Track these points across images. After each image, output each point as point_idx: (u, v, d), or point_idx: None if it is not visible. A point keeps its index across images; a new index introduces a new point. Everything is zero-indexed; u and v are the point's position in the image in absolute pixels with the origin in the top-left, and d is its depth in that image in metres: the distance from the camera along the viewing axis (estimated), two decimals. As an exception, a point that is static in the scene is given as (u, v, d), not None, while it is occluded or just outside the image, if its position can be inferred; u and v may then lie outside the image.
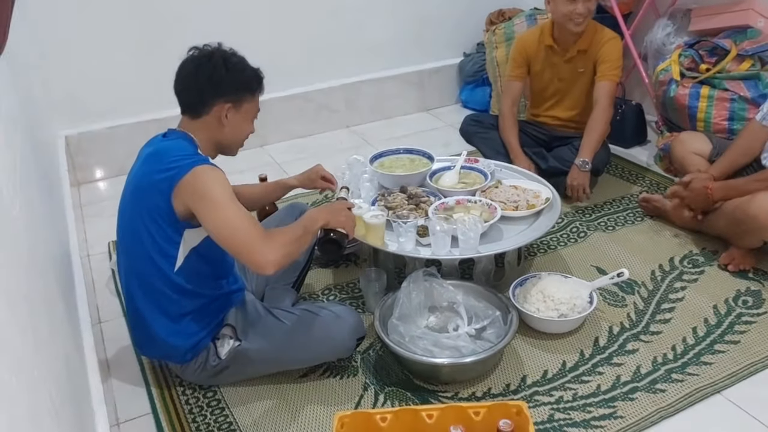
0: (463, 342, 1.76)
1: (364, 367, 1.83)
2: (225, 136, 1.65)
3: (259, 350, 1.69)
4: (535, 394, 1.71)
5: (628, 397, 1.68)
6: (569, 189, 2.54)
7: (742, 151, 2.18)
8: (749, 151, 2.17)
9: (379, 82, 3.63)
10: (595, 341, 1.89)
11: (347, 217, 1.70)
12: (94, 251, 2.50)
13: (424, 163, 2.34)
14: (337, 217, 1.67)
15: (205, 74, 1.57)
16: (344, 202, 1.80)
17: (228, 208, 1.49)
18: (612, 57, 2.55)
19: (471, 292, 1.93)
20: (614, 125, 2.88)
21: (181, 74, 1.61)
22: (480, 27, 3.69)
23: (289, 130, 3.44)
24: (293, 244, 1.55)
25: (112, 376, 1.86)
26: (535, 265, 2.26)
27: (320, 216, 1.65)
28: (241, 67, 1.63)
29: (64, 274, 1.94)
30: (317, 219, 1.64)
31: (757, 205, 1.97)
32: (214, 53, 1.60)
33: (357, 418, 1.46)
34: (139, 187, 1.59)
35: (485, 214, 2.05)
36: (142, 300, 1.65)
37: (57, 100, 2.94)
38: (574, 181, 2.53)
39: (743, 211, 2.01)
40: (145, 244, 1.58)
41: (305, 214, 1.70)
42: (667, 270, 2.19)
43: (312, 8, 3.33)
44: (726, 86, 2.64)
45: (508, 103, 2.74)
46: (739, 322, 1.93)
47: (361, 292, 2.10)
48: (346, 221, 1.69)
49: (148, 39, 2.99)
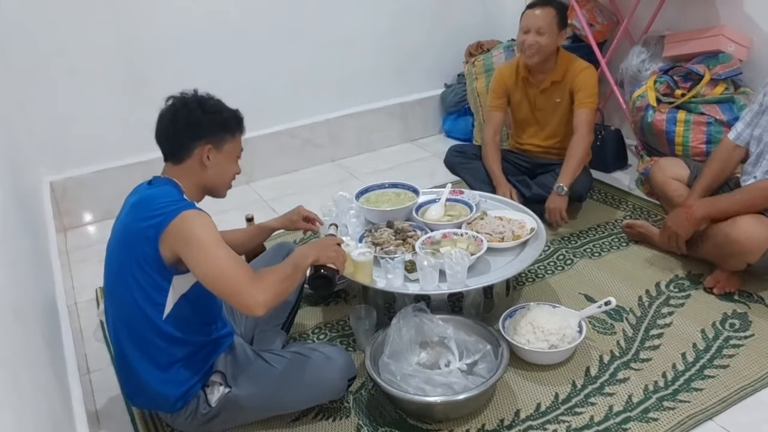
0: (455, 378, 1.75)
1: (357, 408, 1.82)
2: (209, 178, 1.66)
3: (249, 396, 1.68)
4: (529, 428, 1.71)
5: (621, 428, 1.68)
6: (547, 213, 2.57)
7: (716, 171, 2.20)
8: (724, 171, 2.20)
9: (362, 115, 3.68)
10: (587, 371, 1.89)
11: (337, 253, 1.71)
12: (81, 298, 2.48)
13: (410, 196, 2.36)
14: (326, 253, 1.68)
15: (182, 119, 1.61)
16: (333, 238, 1.81)
17: (215, 251, 1.49)
18: (587, 85, 2.60)
19: (461, 326, 1.93)
20: (595, 151, 2.93)
21: (161, 123, 1.64)
22: (460, 58, 3.76)
23: (275, 166, 3.47)
24: (283, 282, 1.55)
25: (101, 429, 1.83)
26: (524, 294, 2.27)
27: (310, 252, 1.65)
28: (218, 108, 1.66)
29: (50, 324, 1.92)
30: (307, 256, 1.64)
31: (740, 230, 1.99)
32: (190, 98, 1.64)
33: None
34: (126, 236, 1.59)
35: (472, 246, 2.06)
36: (131, 349, 1.63)
37: (41, 146, 2.95)
38: (552, 204, 2.56)
39: (726, 235, 2.04)
40: (133, 292, 1.57)
41: (294, 251, 1.70)
42: (654, 295, 2.21)
43: (294, 44, 3.37)
44: (702, 110, 2.70)
45: (490, 133, 2.79)
46: (727, 345, 1.95)
47: (351, 330, 2.09)
48: (336, 257, 1.70)
49: (132, 81, 3.01)
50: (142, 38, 3.00)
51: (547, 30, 2.52)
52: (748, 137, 2.16)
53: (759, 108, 2.14)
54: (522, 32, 2.57)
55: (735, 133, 2.19)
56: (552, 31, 2.53)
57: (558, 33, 2.56)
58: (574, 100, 2.63)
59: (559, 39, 2.58)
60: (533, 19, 2.53)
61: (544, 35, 2.52)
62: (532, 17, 2.54)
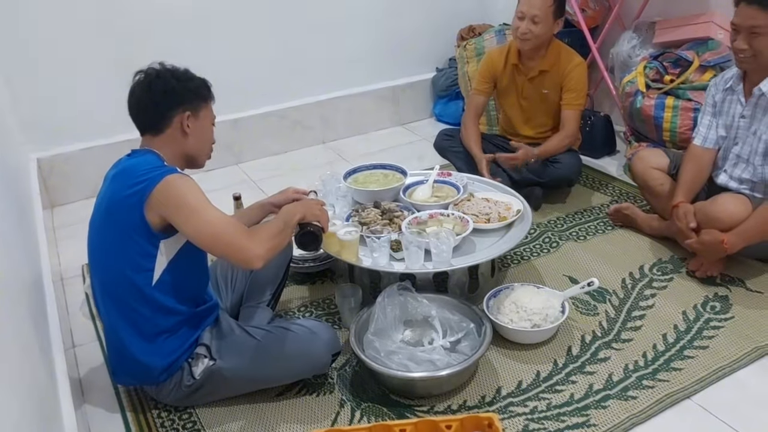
0: (438, 355, 1.77)
1: (341, 384, 1.83)
2: (191, 146, 1.68)
3: (233, 369, 1.69)
4: (509, 405, 1.73)
5: (600, 405, 1.70)
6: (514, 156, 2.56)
7: (692, 176, 2.21)
8: (700, 174, 2.22)
9: (353, 97, 3.67)
10: (568, 350, 1.92)
11: (321, 211, 1.75)
12: (67, 274, 2.48)
13: (398, 177, 2.36)
14: (312, 211, 1.72)
15: (158, 89, 1.62)
16: (317, 200, 1.85)
17: (206, 211, 1.53)
18: (578, 87, 2.61)
19: (445, 305, 1.94)
20: (584, 136, 2.94)
21: (134, 97, 1.65)
22: (451, 42, 3.76)
23: (264, 147, 3.46)
24: (276, 237, 1.60)
25: (86, 402, 1.84)
26: (509, 276, 2.29)
27: (296, 210, 1.70)
28: (189, 76, 1.69)
29: (36, 299, 1.92)
30: (294, 213, 1.68)
31: (719, 208, 2.03)
32: (160, 70, 1.65)
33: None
34: (110, 206, 1.59)
35: (458, 227, 2.07)
36: (117, 320, 1.64)
37: (27, 123, 2.93)
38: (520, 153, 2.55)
39: (705, 214, 2.06)
40: (119, 262, 1.59)
41: (282, 209, 1.74)
42: (638, 278, 2.23)
43: (285, 25, 3.35)
44: (690, 96, 2.71)
45: (471, 115, 2.79)
46: (707, 327, 1.97)
47: (337, 308, 2.10)
48: (321, 214, 1.74)
49: (119, 58, 2.98)
50: (130, 15, 2.97)
51: (542, 18, 2.49)
52: (714, 137, 2.21)
53: (713, 109, 2.21)
54: (517, 17, 2.55)
55: (701, 138, 2.23)
56: (547, 19, 2.51)
57: (553, 22, 2.54)
58: (563, 98, 2.64)
59: (554, 28, 2.57)
60: (530, 5, 2.49)
61: (538, 24, 2.50)
62: (528, 3, 2.50)
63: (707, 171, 2.23)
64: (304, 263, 2.33)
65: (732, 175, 2.18)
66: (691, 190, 2.21)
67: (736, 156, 2.15)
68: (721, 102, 2.19)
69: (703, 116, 2.25)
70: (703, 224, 2.10)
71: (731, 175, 2.18)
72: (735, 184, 2.17)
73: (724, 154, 2.17)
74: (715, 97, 2.21)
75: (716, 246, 2.05)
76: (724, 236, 2.03)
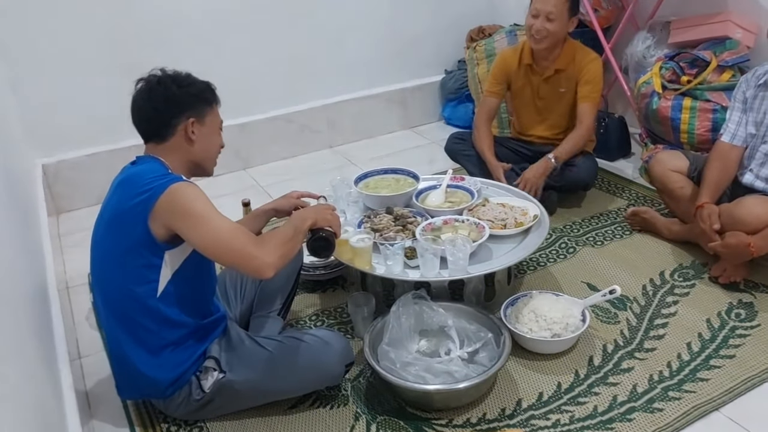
0: (455, 366, 1.71)
1: (355, 396, 1.77)
2: (197, 153, 1.63)
3: (244, 381, 1.64)
4: (531, 418, 1.67)
5: (625, 418, 1.64)
6: (522, 181, 2.46)
7: (719, 173, 2.15)
8: (726, 172, 2.16)
9: (361, 101, 3.61)
10: (590, 360, 1.85)
11: (333, 216, 1.70)
12: (73, 283, 2.43)
13: (410, 182, 2.31)
14: (323, 216, 1.66)
15: (159, 97, 1.57)
16: (328, 204, 1.80)
17: (214, 219, 1.47)
18: (594, 80, 2.54)
19: (462, 314, 1.88)
20: (598, 138, 2.88)
21: (137, 105, 1.60)
22: (461, 44, 3.70)
23: (272, 152, 3.41)
24: (286, 244, 1.54)
25: (93, 416, 1.79)
26: (526, 283, 2.23)
27: (308, 215, 1.64)
28: (191, 80, 1.63)
29: (41, 308, 1.87)
30: (305, 218, 1.62)
31: (745, 210, 1.96)
32: (162, 76, 1.60)
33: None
34: (114, 217, 1.55)
35: (473, 233, 2.01)
36: (121, 334, 1.59)
37: (33, 129, 2.88)
38: (529, 174, 2.47)
39: (730, 216, 2.00)
40: (124, 274, 1.53)
41: (293, 215, 1.68)
42: (659, 284, 2.17)
43: (292, 28, 3.31)
44: (708, 97, 2.65)
45: (483, 118, 2.73)
46: (733, 335, 1.91)
47: (350, 317, 2.05)
48: (333, 219, 1.69)
49: (125, 63, 2.92)
50: (137, 21, 2.93)
51: (557, 16, 2.44)
52: (743, 134, 2.14)
53: (743, 105, 2.13)
54: (531, 16, 2.49)
55: (729, 135, 2.16)
56: (562, 17, 2.45)
57: (568, 20, 2.49)
58: (579, 92, 2.57)
59: (568, 26, 2.51)
60: (544, 2, 2.43)
61: (553, 21, 2.44)
62: (543, 1, 2.44)
63: (734, 170, 2.16)
64: (315, 271, 2.27)
65: (759, 174, 2.10)
66: (717, 190, 2.14)
67: (764, 155, 2.08)
68: (753, 98, 2.12)
69: (732, 112, 2.17)
70: (727, 227, 2.03)
71: (758, 174, 2.11)
72: (762, 183, 2.10)
73: (750, 153, 2.10)
74: (746, 93, 2.13)
75: (742, 249, 1.98)
76: (750, 239, 1.96)
